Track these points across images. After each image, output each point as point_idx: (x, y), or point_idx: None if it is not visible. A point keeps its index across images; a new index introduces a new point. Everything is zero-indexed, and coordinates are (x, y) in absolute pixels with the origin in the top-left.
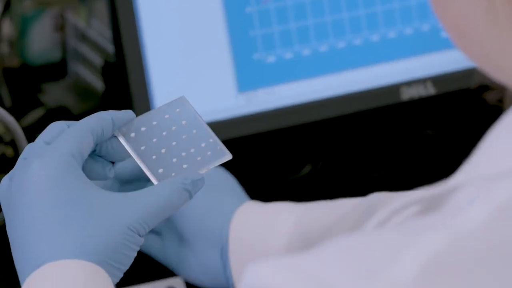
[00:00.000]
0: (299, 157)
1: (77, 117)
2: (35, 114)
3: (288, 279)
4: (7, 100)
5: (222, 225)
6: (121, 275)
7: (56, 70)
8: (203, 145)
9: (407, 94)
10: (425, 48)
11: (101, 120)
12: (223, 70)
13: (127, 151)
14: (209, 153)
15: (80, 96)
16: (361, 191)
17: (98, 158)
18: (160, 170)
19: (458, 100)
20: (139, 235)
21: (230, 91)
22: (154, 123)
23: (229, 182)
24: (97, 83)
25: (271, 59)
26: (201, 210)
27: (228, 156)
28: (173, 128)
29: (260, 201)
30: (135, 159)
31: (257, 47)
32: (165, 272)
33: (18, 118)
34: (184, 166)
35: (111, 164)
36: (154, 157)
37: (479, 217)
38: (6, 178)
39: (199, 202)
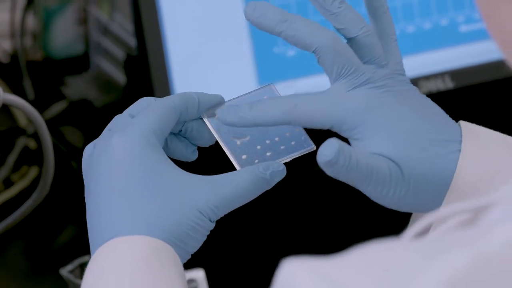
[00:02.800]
0: None
1: (99, 110)
2: (58, 107)
3: (315, 285)
4: (30, 93)
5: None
6: (188, 257)
7: (78, 63)
8: (287, 134)
9: (425, 88)
10: (444, 42)
11: (187, 99)
12: (244, 64)
13: (212, 135)
14: (293, 142)
15: (102, 89)
16: None
17: (184, 139)
18: (244, 156)
19: (476, 94)
20: (210, 220)
21: (251, 84)
22: None
23: None
24: (119, 76)
25: (291, 52)
26: None
27: (312, 147)
28: None
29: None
30: (220, 143)
31: (277, 41)
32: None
33: (41, 110)
34: (268, 154)
35: (195, 147)
36: (238, 142)
37: (506, 237)
38: (91, 145)
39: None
